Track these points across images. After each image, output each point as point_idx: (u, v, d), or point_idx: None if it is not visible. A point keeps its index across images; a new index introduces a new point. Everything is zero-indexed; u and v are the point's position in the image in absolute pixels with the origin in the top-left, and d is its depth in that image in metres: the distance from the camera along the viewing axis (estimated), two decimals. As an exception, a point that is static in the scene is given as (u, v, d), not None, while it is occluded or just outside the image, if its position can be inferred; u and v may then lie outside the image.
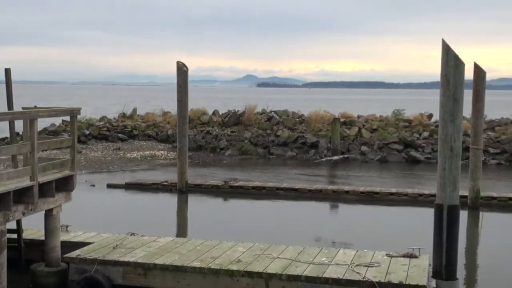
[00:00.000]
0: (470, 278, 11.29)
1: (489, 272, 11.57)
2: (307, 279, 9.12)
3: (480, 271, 11.91)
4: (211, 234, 12.68)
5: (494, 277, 11.22)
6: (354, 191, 18.78)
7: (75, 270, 9.88)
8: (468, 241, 13.99)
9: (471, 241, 14.19)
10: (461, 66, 9.15)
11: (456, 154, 9.22)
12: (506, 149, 27.08)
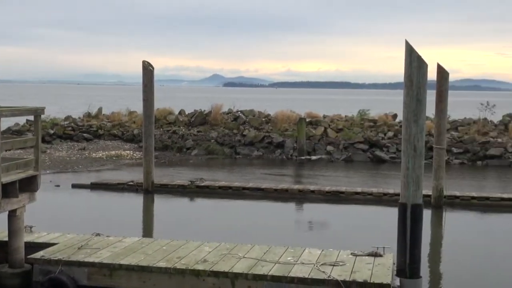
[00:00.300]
0: (434, 276, 11.43)
1: (452, 270, 11.72)
2: (273, 278, 9.14)
3: (444, 269, 12.07)
4: (177, 234, 12.64)
5: (457, 274, 11.38)
6: (320, 190, 18.86)
7: (39, 271, 9.76)
8: (432, 240, 14.14)
9: (434, 239, 14.34)
10: (424, 67, 9.24)
11: (419, 153, 9.30)
12: (468, 149, 27.44)
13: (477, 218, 16.67)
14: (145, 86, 19.36)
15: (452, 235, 14.81)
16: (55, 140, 30.45)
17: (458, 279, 11.07)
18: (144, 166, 19.31)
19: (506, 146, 27.30)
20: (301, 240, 12.30)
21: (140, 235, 13.71)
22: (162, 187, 19.50)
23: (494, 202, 17.76)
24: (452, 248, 13.45)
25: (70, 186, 19.88)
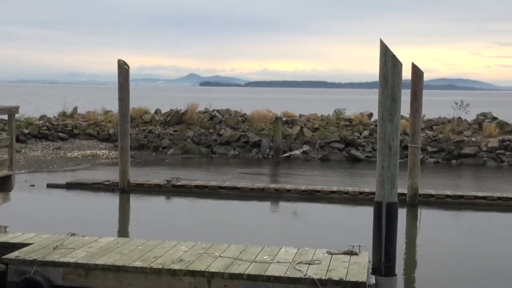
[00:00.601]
0: (409, 273, 11.53)
1: (427, 268, 11.81)
2: (249, 277, 9.16)
3: (418, 266, 12.16)
4: (153, 233, 12.61)
5: (432, 272, 11.46)
6: (296, 189, 18.91)
7: (14, 271, 9.68)
8: (407, 238, 14.25)
9: (410, 237, 14.46)
10: (399, 66, 9.30)
11: (394, 152, 9.36)
12: (443, 148, 27.68)
13: (452, 216, 16.83)
14: (121, 86, 19.25)
15: (427, 233, 14.93)
16: (29, 139, 30.18)
17: (433, 277, 11.17)
18: (120, 165, 19.20)
19: (480, 145, 27.57)
20: (277, 239, 12.33)
21: (115, 235, 13.66)
22: (138, 186, 19.42)
23: (468, 201, 17.94)
24: (427, 246, 13.55)
25: (45, 185, 19.71)
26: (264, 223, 15.76)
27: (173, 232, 13.38)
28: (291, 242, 11.24)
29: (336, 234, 13.56)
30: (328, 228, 14.83)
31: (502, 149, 27.36)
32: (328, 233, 13.97)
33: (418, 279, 11.27)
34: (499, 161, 27.01)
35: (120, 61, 19.28)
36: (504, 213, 17.01)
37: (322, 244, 10.89)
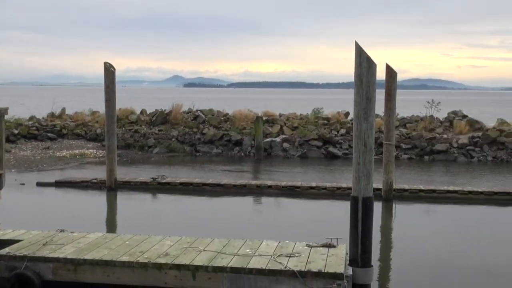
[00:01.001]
0: (384, 264, 11.59)
1: (401, 259, 11.90)
2: (232, 270, 9.17)
3: (393, 258, 12.24)
4: (140, 229, 12.57)
5: (406, 263, 11.55)
6: (277, 185, 18.95)
7: (5, 267, 9.62)
8: (382, 231, 14.34)
9: (385, 230, 14.54)
10: (373, 67, 9.35)
11: (369, 149, 9.40)
12: (416, 145, 27.87)
13: (425, 210, 16.93)
14: (107, 87, 19.16)
15: (401, 226, 15.04)
16: (19, 139, 29.97)
17: (407, 268, 11.25)
18: (107, 164, 19.12)
19: (451, 141, 27.79)
20: (259, 233, 12.35)
21: (103, 230, 13.60)
22: (125, 184, 19.37)
23: (440, 195, 18.08)
24: (401, 239, 13.65)
25: (35, 184, 19.59)
26: (246, 218, 15.78)
27: (159, 227, 13.35)
28: (272, 236, 11.27)
29: (315, 228, 13.60)
30: (307, 222, 14.87)
31: (472, 146, 27.60)
32: (307, 227, 14.01)
33: (393, 270, 11.35)
34: (469, 157, 27.24)
35: (106, 63, 19.19)
36: (474, 206, 17.15)
37: (301, 238, 10.93)
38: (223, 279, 9.18)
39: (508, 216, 16.24)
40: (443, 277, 10.70)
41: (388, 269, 11.39)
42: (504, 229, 14.65)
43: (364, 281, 9.43)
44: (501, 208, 16.96)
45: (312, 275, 8.99)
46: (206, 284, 9.23)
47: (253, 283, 9.13)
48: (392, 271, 11.28)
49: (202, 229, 13.41)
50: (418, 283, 10.38)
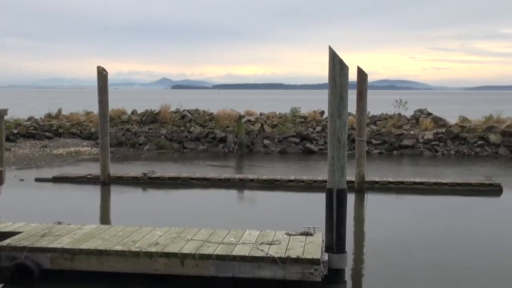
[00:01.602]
0: (358, 250, 11.63)
1: (373, 246, 11.95)
2: (217, 257, 9.17)
3: (366, 244, 12.29)
4: (132, 220, 12.54)
5: (378, 249, 11.61)
6: (258, 179, 18.95)
7: (6, 257, 9.56)
8: (355, 220, 14.38)
9: (358, 219, 14.59)
10: (346, 69, 9.38)
11: (343, 145, 9.45)
12: (386, 140, 28.01)
13: (394, 199, 17.03)
14: (100, 89, 19.09)
15: (373, 215, 15.11)
16: (18, 138, 29.72)
17: (378, 253, 11.31)
18: (101, 160, 19.04)
19: (417, 137, 27.97)
20: (242, 223, 12.35)
21: (98, 222, 13.51)
22: (118, 179, 19.26)
23: (408, 186, 18.19)
24: (373, 226, 13.71)
25: (34, 180, 19.43)
26: (230, 209, 15.77)
27: (149, 219, 13.30)
28: (254, 226, 11.27)
29: (293, 218, 13.62)
30: (286, 213, 14.88)
31: (436, 141, 27.81)
32: (286, 217, 14.03)
33: (365, 255, 11.39)
34: (433, 151, 27.44)
35: (99, 67, 19.09)
36: (438, 196, 17.29)
37: (281, 227, 10.96)
38: (209, 266, 9.18)
39: (468, 205, 16.37)
40: (411, 259, 10.78)
41: (361, 254, 11.44)
42: (465, 216, 14.79)
43: (339, 266, 9.49)
44: (463, 197, 17.11)
45: (291, 261, 9.02)
46: (193, 271, 9.23)
47: (237, 269, 9.15)
48: (365, 256, 11.33)
49: (190, 220, 13.38)
50: (389, 266, 10.44)
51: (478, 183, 18.14)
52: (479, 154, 27.01)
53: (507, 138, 27.46)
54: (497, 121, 28.92)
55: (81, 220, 11.83)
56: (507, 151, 27.06)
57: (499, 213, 15.40)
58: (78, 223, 11.25)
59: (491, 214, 15.13)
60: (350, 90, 9.55)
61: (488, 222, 14.10)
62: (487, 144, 27.42)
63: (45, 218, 12.05)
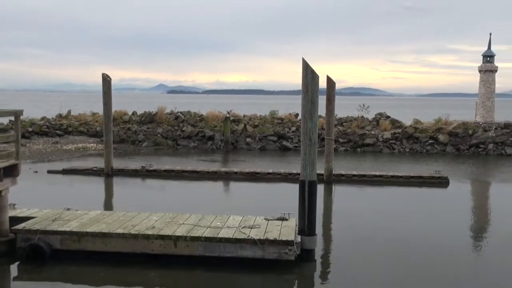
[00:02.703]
0: (326, 233, 11.70)
1: (339, 228, 12.03)
2: (205, 239, 9.19)
3: (333, 228, 12.35)
4: (132, 207, 12.49)
5: (343, 232, 11.68)
6: (241, 172, 18.97)
7: (21, 239, 9.51)
8: (324, 207, 14.44)
9: (326, 207, 14.65)
10: (316, 78, 9.43)
11: (314, 143, 9.49)
12: (351, 139, 28.14)
13: (357, 190, 17.13)
14: (105, 93, 18.98)
15: (339, 203, 15.18)
16: (33, 136, 29.41)
17: (344, 235, 11.38)
18: (105, 155, 18.96)
19: (377, 137, 28.14)
20: (227, 209, 12.37)
21: (102, 208, 13.45)
22: (120, 171, 19.16)
23: (369, 178, 18.32)
24: (339, 213, 13.78)
25: (46, 172, 19.26)
26: (217, 197, 15.76)
27: (147, 206, 13.24)
28: (237, 212, 11.28)
29: (271, 205, 13.63)
30: (265, 201, 14.92)
31: (394, 140, 28.01)
32: (265, 205, 14.05)
33: (333, 237, 11.45)
34: (391, 149, 27.64)
35: (104, 74, 18.97)
36: (395, 187, 17.43)
37: (261, 213, 10.99)
38: (198, 246, 9.19)
39: (420, 194, 16.52)
40: (372, 240, 10.86)
41: (329, 236, 11.51)
42: (417, 204, 14.92)
43: (310, 246, 9.54)
44: (416, 188, 17.27)
45: (269, 242, 9.06)
46: (185, 251, 9.23)
47: (222, 249, 9.17)
48: (332, 237, 11.40)
49: (182, 206, 13.34)
50: (353, 246, 10.51)
51: (429, 176, 18.33)
52: (430, 151, 27.28)
53: (453, 138, 27.77)
54: (445, 123, 29.22)
55: (87, 207, 11.77)
56: (453, 149, 27.36)
57: (446, 201, 15.56)
58: (85, 209, 11.19)
59: (439, 202, 15.29)
60: (320, 95, 9.59)
61: (436, 209, 14.25)
62: (437, 143, 27.69)
63: (55, 205, 11.96)
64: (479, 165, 23.35)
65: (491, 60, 30.15)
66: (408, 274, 9.06)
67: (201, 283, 8.52)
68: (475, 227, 12.58)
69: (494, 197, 16.80)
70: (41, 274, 8.88)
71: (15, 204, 11.33)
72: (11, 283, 8.64)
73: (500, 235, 11.64)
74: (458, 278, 8.92)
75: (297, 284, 8.71)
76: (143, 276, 8.72)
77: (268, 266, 9.00)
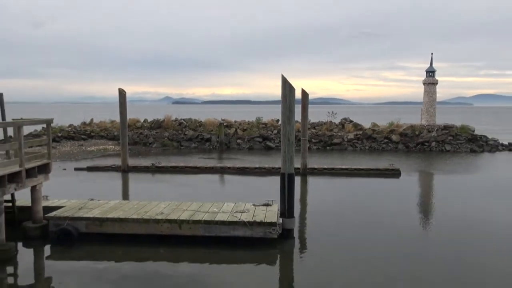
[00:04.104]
0: (302, 215, 11.71)
1: (314, 212, 12.05)
2: (205, 222, 9.16)
3: (308, 211, 12.36)
4: (144, 197, 12.42)
5: (316, 214, 11.71)
6: (233, 167, 18.95)
7: (53, 224, 9.42)
8: (301, 195, 14.46)
9: (302, 194, 14.67)
10: (293, 90, 9.44)
11: (291, 143, 9.51)
12: (321, 139, 28.24)
13: (327, 180, 17.19)
14: (121, 104, 18.88)
15: (313, 192, 15.22)
16: (62, 140, 29.18)
17: (317, 217, 11.41)
18: (122, 155, 18.85)
19: (343, 137, 28.27)
20: (222, 198, 12.35)
21: (120, 198, 13.33)
22: (134, 168, 19.06)
23: (337, 171, 18.41)
24: (313, 199, 13.83)
25: (73, 169, 19.09)
26: (214, 188, 15.70)
27: (156, 196, 13.18)
28: (230, 199, 11.27)
29: (258, 194, 13.66)
30: (253, 190, 14.91)
31: (356, 140, 28.16)
32: (253, 193, 14.06)
33: (308, 219, 11.47)
34: (354, 147, 27.78)
35: (120, 88, 18.87)
36: (358, 178, 17.51)
37: (249, 200, 10.98)
38: (199, 228, 9.16)
39: (378, 183, 16.62)
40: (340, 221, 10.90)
41: (305, 219, 11.53)
42: (375, 190, 15.01)
43: (289, 226, 9.56)
44: (374, 178, 17.37)
45: (257, 224, 9.06)
46: (188, 232, 9.20)
47: (219, 230, 9.15)
48: (307, 219, 11.42)
49: (185, 196, 13.30)
50: (325, 226, 10.55)
51: (384, 168, 18.45)
52: (385, 149, 27.46)
53: (404, 138, 27.98)
54: (396, 126, 29.43)
55: (107, 197, 11.67)
56: (404, 147, 27.57)
57: (399, 188, 15.68)
58: (105, 199, 11.10)
59: (393, 189, 15.39)
60: (296, 104, 9.61)
61: (390, 195, 14.35)
62: (390, 142, 27.88)
63: (81, 196, 11.86)
64: (425, 159, 23.56)
65: (433, 75, 30.46)
66: (365, 240, 9.10)
67: (202, 258, 8.49)
68: (423, 209, 12.68)
69: (437, 185, 16.96)
70: (70, 253, 8.79)
71: (47, 196, 11.21)
72: (45, 261, 8.54)
73: (442, 215, 11.75)
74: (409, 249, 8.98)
75: (279, 258, 8.71)
76: (154, 253, 8.67)
77: (256, 243, 8.99)
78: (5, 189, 8.34)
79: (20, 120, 9.28)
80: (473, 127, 29.62)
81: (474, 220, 11.25)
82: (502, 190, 15.19)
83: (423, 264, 8.19)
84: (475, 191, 15.13)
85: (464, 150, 26.96)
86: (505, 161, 23.29)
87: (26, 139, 9.59)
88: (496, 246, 9.27)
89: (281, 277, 7.75)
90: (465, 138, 27.83)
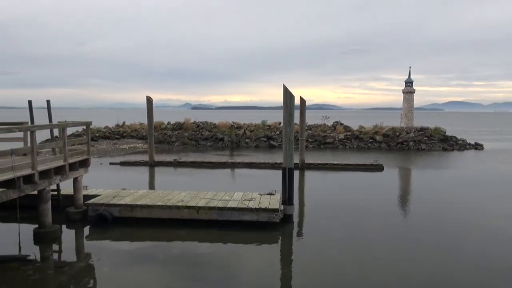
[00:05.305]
0: (300, 203, 11.65)
1: (311, 200, 12.00)
2: (219, 208, 9.15)
3: (306, 200, 12.30)
4: (167, 187, 12.42)
5: (313, 203, 11.65)
6: (243, 162, 18.93)
7: (91, 210, 9.44)
8: (299, 186, 14.40)
9: (300, 186, 14.61)
10: (293, 98, 9.41)
11: (291, 142, 9.48)
12: (316, 139, 28.13)
13: (322, 174, 17.11)
14: (148, 110, 18.90)
15: (309, 184, 15.15)
16: (99, 139, 29.28)
17: (313, 205, 11.36)
18: (149, 152, 18.86)
19: (335, 137, 28.14)
20: (233, 188, 12.32)
21: (147, 188, 13.37)
22: (159, 163, 19.07)
23: (330, 166, 18.31)
24: (310, 190, 13.78)
25: (108, 163, 19.14)
26: (226, 180, 15.67)
27: (178, 186, 13.17)
28: (240, 189, 11.25)
29: (263, 185, 13.60)
30: (259, 182, 14.85)
31: (346, 139, 28.02)
32: (259, 184, 13.98)
33: (305, 206, 11.41)
34: (344, 146, 27.65)
35: (148, 96, 18.91)
36: (347, 172, 17.41)
37: (256, 190, 10.96)
38: (214, 213, 9.15)
39: (364, 177, 16.51)
40: (332, 208, 10.85)
41: (303, 206, 11.48)
42: (362, 183, 14.92)
43: (289, 212, 9.53)
44: (361, 172, 17.26)
45: (262, 210, 9.03)
46: (204, 216, 9.19)
47: (230, 215, 9.14)
48: (305, 206, 11.37)
49: (202, 186, 13.29)
50: (319, 211, 10.50)
51: (370, 164, 18.34)
52: (370, 147, 27.30)
53: (386, 138, 27.81)
54: (380, 128, 29.27)
55: (137, 187, 11.70)
56: (386, 146, 27.41)
57: (382, 181, 15.57)
58: (135, 189, 11.12)
59: (377, 182, 15.30)
60: (295, 109, 9.57)
61: (375, 186, 14.26)
62: (375, 142, 27.72)
63: (115, 186, 11.89)
64: (404, 156, 23.39)
65: (411, 85, 30.26)
66: (353, 223, 9.06)
67: (216, 238, 8.49)
68: (402, 198, 12.59)
69: (414, 177, 16.84)
70: (105, 234, 8.81)
71: (87, 186, 11.26)
72: (85, 241, 8.58)
73: (421, 205, 11.65)
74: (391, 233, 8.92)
75: (281, 239, 8.68)
76: (176, 234, 8.67)
77: (261, 226, 8.97)
78: (52, 180, 8.39)
79: (64, 123, 9.33)
80: (445, 129, 29.40)
81: (446, 206, 11.15)
82: (470, 182, 15.07)
83: (403, 241, 8.14)
84: (446, 183, 15.00)
85: (437, 149, 26.76)
86: (472, 158, 23.09)
87: (69, 139, 9.63)
88: (465, 226, 9.19)
89: (282, 254, 7.75)
90: (438, 139, 27.64)
